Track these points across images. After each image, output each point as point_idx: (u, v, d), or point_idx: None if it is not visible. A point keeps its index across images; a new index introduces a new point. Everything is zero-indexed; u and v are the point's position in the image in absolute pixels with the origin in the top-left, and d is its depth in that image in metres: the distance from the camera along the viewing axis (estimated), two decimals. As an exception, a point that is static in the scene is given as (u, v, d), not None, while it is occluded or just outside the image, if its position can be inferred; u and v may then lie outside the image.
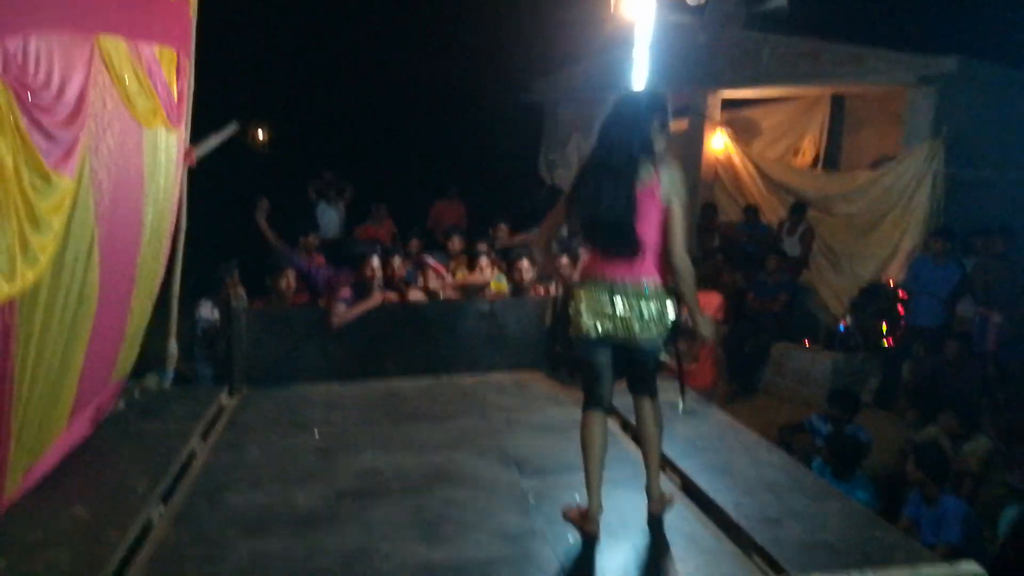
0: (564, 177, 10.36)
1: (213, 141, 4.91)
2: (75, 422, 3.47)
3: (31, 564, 2.61)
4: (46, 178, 2.67)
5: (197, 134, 4.81)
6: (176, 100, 4.15)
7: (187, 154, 4.63)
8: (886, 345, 7.11)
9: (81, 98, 2.93)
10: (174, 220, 4.47)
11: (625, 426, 4.10)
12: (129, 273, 3.78)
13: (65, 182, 2.81)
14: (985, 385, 6.07)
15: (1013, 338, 6.47)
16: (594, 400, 3.03)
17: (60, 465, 3.32)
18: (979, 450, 5.09)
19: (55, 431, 3.24)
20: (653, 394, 3.07)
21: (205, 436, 3.96)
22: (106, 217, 3.27)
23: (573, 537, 2.95)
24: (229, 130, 5.05)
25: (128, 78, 3.38)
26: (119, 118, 3.35)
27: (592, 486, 2.96)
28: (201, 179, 4.96)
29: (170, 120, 3.96)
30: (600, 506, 2.95)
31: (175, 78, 4.13)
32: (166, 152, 4.04)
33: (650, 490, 3.08)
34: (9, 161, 2.42)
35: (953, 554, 4.11)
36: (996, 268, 6.62)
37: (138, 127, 3.58)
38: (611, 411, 3.12)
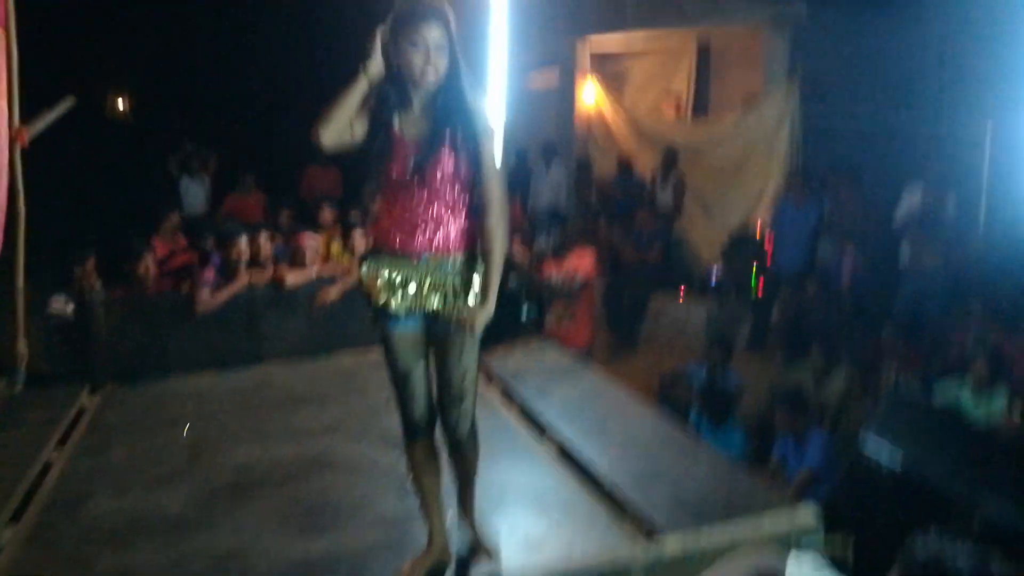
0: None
1: (48, 118, 4.53)
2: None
3: None
4: None
5: (34, 110, 4.43)
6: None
7: (18, 134, 4.26)
8: (755, 290, 7.42)
9: None
10: (3, 208, 4.11)
11: (507, 394, 4.13)
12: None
13: None
14: (843, 320, 6.44)
15: (865, 275, 6.86)
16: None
17: None
18: (838, 385, 5.41)
19: None
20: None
21: (63, 442, 3.73)
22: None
23: (451, 511, 2.95)
24: (64, 105, 4.66)
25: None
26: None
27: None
28: (47, 157, 4.59)
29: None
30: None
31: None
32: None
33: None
34: None
35: (813, 478, 4.41)
36: (848, 208, 6.98)
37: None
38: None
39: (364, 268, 2.48)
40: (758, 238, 7.64)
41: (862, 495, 2.92)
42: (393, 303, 2.43)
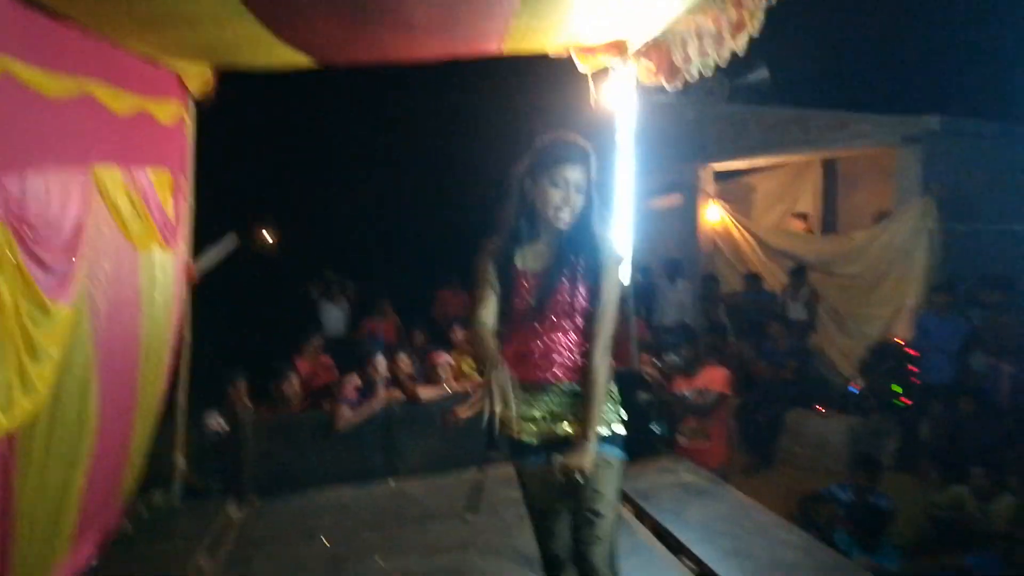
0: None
1: (213, 255, 4.99)
2: (78, 547, 3.43)
3: None
4: (44, 308, 2.71)
5: (199, 245, 4.91)
6: (172, 220, 4.24)
7: (188, 272, 4.71)
8: (901, 404, 7.00)
9: (78, 229, 3.01)
10: (176, 336, 4.51)
11: (639, 515, 4.02)
12: (130, 395, 3.80)
13: (63, 311, 2.85)
14: (1006, 439, 5.95)
15: (1025, 388, 6.38)
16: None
17: (64, 595, 3.27)
18: (1006, 508, 4.95)
19: (57, 558, 3.19)
20: None
21: (212, 552, 3.90)
22: (104, 341, 3.31)
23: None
24: (228, 242, 5.14)
25: (123, 204, 3.48)
26: (114, 242, 3.43)
27: None
28: (205, 286, 5.02)
29: (165, 239, 4.04)
30: None
31: (170, 198, 4.23)
32: (162, 271, 4.10)
33: None
34: (8, 297, 2.47)
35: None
36: (1002, 319, 6.59)
37: (133, 250, 3.65)
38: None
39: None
40: (900, 351, 7.27)
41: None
42: (524, 435, 2.42)
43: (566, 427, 2.40)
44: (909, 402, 6.97)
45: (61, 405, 2.95)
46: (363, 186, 13.42)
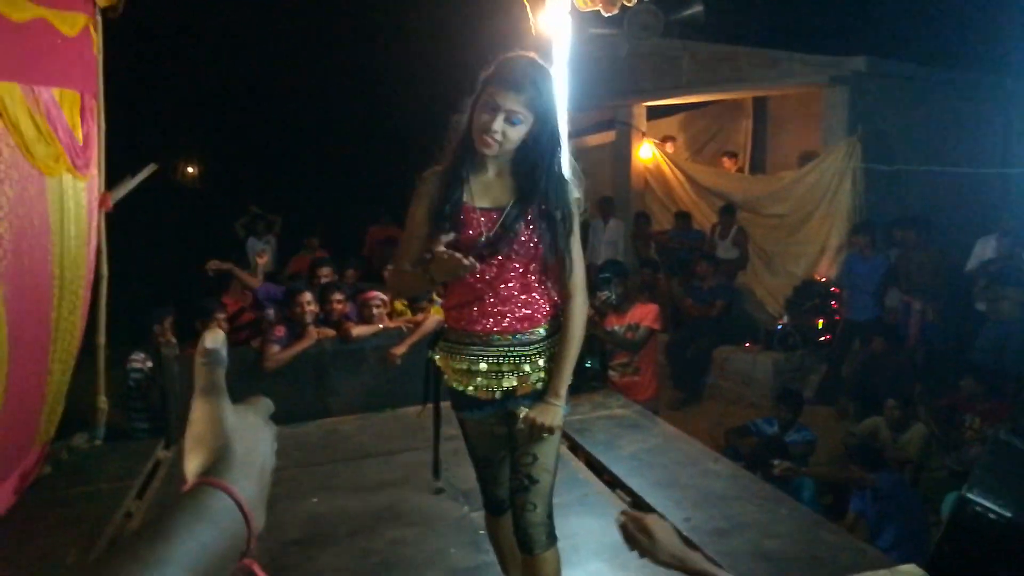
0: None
1: (130, 184, 4.75)
2: (-4, 494, 3.30)
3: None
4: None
5: (117, 175, 4.66)
6: (82, 144, 3.99)
7: (103, 199, 4.47)
8: (823, 341, 7.26)
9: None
10: (92, 269, 4.30)
11: (573, 448, 4.09)
12: (43, 330, 3.61)
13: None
14: (915, 372, 6.25)
15: (936, 325, 6.69)
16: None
17: (-19, 541, 3.15)
18: (916, 437, 5.22)
19: (-26, 506, 3.07)
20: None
21: (141, 494, 3.80)
22: (11, 273, 3.12)
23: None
24: (146, 172, 4.89)
25: (24, 125, 3.24)
26: (17, 167, 3.21)
27: None
28: (125, 221, 4.79)
29: (75, 165, 3.80)
30: None
31: (79, 121, 3.97)
32: (75, 199, 3.88)
33: None
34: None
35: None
36: (915, 258, 6.84)
37: (39, 175, 3.42)
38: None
39: (436, 352, 2.33)
40: (824, 289, 7.51)
41: (968, 549, 2.76)
42: (469, 388, 2.26)
43: (513, 380, 2.22)
44: (830, 338, 7.25)
45: (-33, 343, 2.79)
46: (292, 116, 12.97)
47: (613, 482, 3.62)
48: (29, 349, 3.40)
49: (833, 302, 7.36)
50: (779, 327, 7.39)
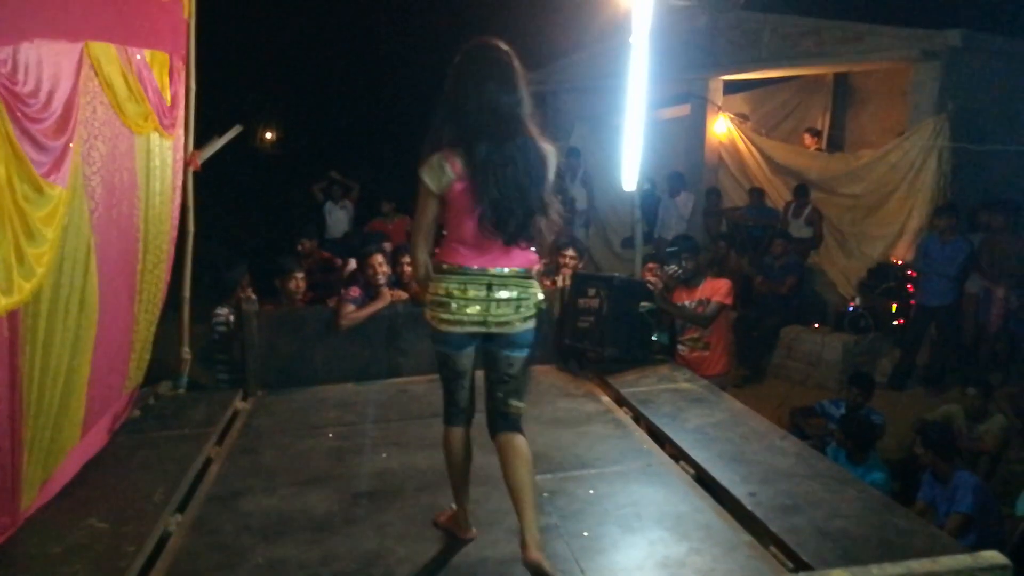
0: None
1: (217, 144, 4.92)
2: (89, 433, 3.49)
3: (51, 577, 2.64)
4: (38, 188, 2.68)
5: (204, 137, 4.83)
6: (170, 104, 4.14)
7: (190, 158, 4.64)
8: (896, 325, 7.08)
9: (70, 105, 2.93)
10: (175, 225, 4.48)
11: (637, 418, 4.11)
12: (130, 281, 3.80)
13: (58, 191, 2.82)
14: (996, 361, 6.05)
15: (1020, 313, 6.43)
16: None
17: (76, 477, 3.35)
18: (994, 428, 5.08)
19: (69, 442, 3.26)
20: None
21: (220, 441, 3.98)
22: (101, 225, 3.29)
23: (588, 532, 2.96)
24: (233, 132, 5.06)
25: (117, 84, 3.38)
26: (109, 124, 3.36)
27: (458, 496, 2.98)
28: (210, 182, 4.96)
29: (162, 125, 3.96)
30: (467, 511, 2.98)
31: (168, 82, 4.11)
32: (160, 157, 4.04)
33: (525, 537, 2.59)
34: (2, 172, 2.43)
35: (965, 524, 4.12)
36: (1001, 242, 6.58)
37: (129, 133, 3.58)
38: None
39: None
40: (899, 272, 7.30)
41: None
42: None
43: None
44: (903, 323, 7.06)
45: (61, 288, 2.96)
46: (374, 86, 13.13)
47: (677, 454, 3.63)
48: (117, 297, 3.59)
49: (909, 285, 7.15)
50: (850, 308, 7.24)
